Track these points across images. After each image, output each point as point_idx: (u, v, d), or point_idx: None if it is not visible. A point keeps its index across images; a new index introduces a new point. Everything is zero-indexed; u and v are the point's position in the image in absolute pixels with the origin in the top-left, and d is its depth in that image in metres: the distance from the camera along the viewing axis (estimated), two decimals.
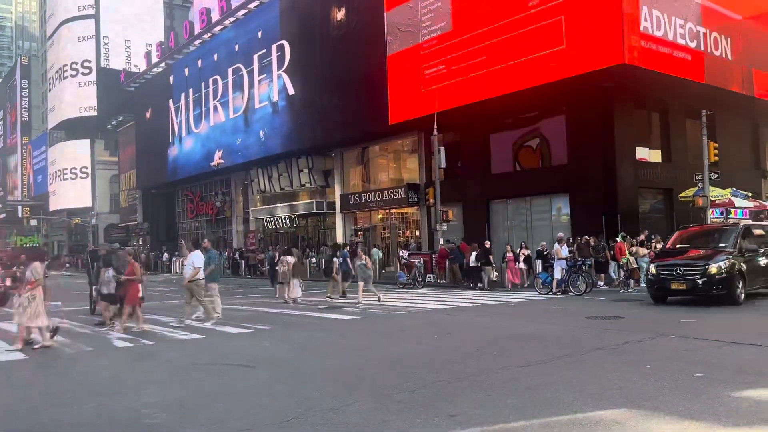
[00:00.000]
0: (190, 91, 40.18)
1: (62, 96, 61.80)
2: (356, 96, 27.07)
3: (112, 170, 57.01)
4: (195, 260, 12.91)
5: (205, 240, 16.60)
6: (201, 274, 12.80)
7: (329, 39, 28.39)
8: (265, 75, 32.97)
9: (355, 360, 8.39)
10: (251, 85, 34.03)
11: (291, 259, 16.96)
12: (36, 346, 10.03)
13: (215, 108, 37.41)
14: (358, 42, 26.69)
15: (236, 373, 7.93)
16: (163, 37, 52.98)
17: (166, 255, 41.08)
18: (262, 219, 37.41)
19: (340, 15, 27.93)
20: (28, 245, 58.57)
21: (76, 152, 60.38)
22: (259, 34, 33.50)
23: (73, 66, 59.88)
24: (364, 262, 16.54)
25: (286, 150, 32.19)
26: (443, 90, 22.50)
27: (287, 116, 31.76)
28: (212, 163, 37.44)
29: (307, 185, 32.84)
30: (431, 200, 22.79)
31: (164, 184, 45.48)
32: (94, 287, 15.92)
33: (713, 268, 12.73)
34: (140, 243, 48.10)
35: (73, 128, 61.72)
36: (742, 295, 12.97)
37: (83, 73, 59.58)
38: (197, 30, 39.85)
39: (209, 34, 39.05)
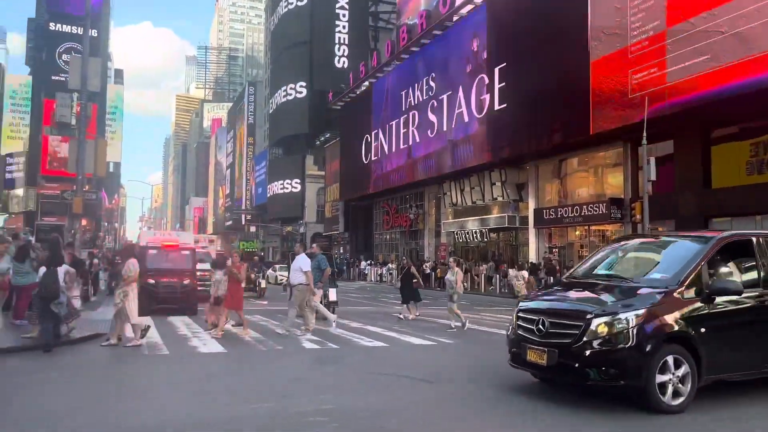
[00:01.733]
0: (390, 106, 41.76)
1: (279, 116, 68.42)
2: (554, 106, 25.72)
3: (319, 183, 61.52)
4: (302, 265, 12.62)
5: (314, 245, 16.66)
6: (303, 279, 12.44)
7: (530, 49, 27.42)
8: (462, 88, 32.97)
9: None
10: (450, 100, 34.26)
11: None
12: (128, 344, 10.30)
13: (413, 122, 38.36)
14: (559, 49, 25.35)
15: (415, 387, 7.57)
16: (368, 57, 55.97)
17: (363, 263, 43.22)
18: (453, 232, 37.36)
19: (541, 24, 26.85)
20: (248, 250, 65.55)
21: (290, 167, 66.32)
22: (459, 48, 33.65)
23: (290, 88, 65.88)
24: (452, 277, 13.99)
25: (480, 162, 31.74)
26: (654, 95, 20.30)
27: (483, 128, 31.33)
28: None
29: (500, 199, 32.02)
30: (638, 216, 20.59)
31: (363, 197, 47.80)
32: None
33: (599, 327, 6.16)
34: (341, 251, 51.14)
35: (287, 145, 68.06)
36: (682, 397, 6.15)
37: (298, 94, 65.18)
38: (398, 48, 41.33)
39: (408, 53, 40.24)
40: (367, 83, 47.32)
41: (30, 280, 10.96)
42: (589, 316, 6.27)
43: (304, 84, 64.78)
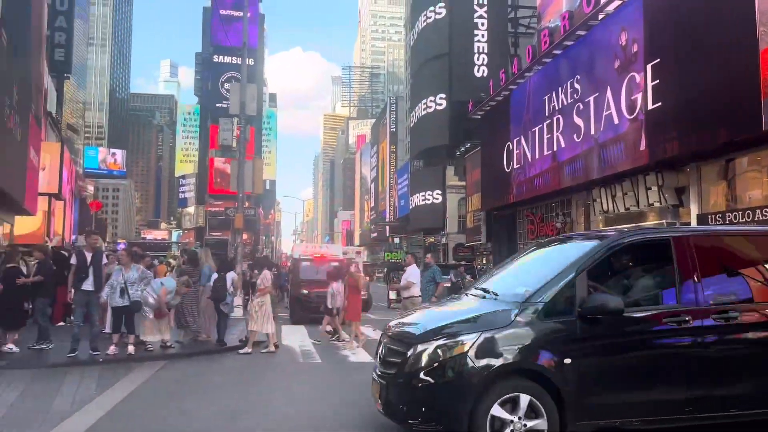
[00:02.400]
0: (532, 112, 40.67)
1: (420, 129, 69.49)
2: (718, 101, 23.43)
3: (460, 193, 61.40)
4: (411, 275, 12.49)
5: (428, 255, 16.23)
6: (416, 291, 12.25)
7: (688, 41, 25.34)
8: (610, 88, 31.25)
9: None
10: (597, 102, 32.63)
11: None
12: (263, 350, 10.81)
13: (558, 126, 37.02)
14: (722, 39, 23.10)
15: None
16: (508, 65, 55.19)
17: None
18: None
19: (701, 12, 24.71)
20: (393, 260, 67.04)
21: (431, 178, 66.99)
22: (606, 45, 31.94)
23: (430, 101, 66.76)
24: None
25: (633, 166, 29.75)
26: None
27: (635, 129, 29.39)
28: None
29: (656, 204, 29.67)
30: None
31: (506, 206, 46.90)
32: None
33: (423, 354, 4.85)
34: (483, 262, 50.52)
35: (428, 157, 68.88)
36: None
37: (438, 106, 65.91)
38: (540, 52, 40.21)
39: (551, 57, 38.98)
40: (506, 91, 46.54)
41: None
42: (413, 341, 4.96)
43: (443, 96, 65.25)
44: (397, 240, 79.12)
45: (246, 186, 18.05)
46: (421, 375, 4.79)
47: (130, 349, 10.03)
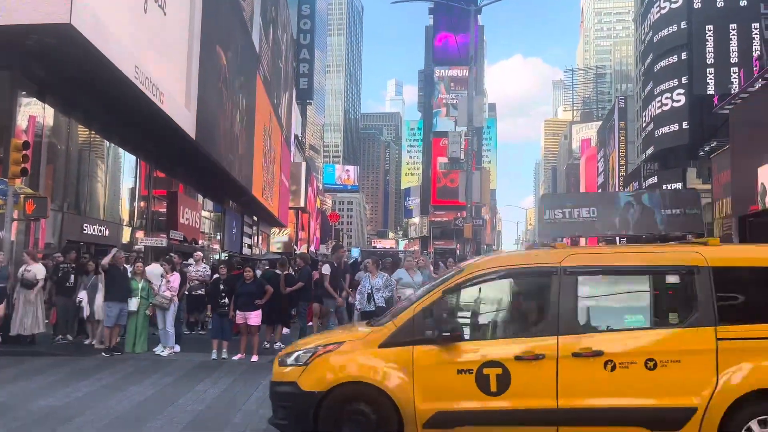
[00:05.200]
0: None
1: (654, 128, 63.99)
2: None
3: (705, 198, 54.96)
4: None
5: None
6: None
7: None
8: None
9: None
10: None
11: None
12: None
13: None
14: None
15: None
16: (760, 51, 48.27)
17: None
18: None
19: None
20: None
21: (668, 182, 61.17)
22: None
23: (666, 97, 61.26)
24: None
25: None
26: None
27: None
28: None
29: None
30: None
31: (764, 211, 40.76)
32: None
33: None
34: None
35: (664, 159, 62.93)
36: None
37: (675, 101, 60.15)
38: None
39: None
40: (764, 80, 40.57)
41: None
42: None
43: (681, 91, 59.44)
44: None
45: (474, 196, 18.36)
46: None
47: None
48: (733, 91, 47.79)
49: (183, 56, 16.96)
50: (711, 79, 58.14)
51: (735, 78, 52.97)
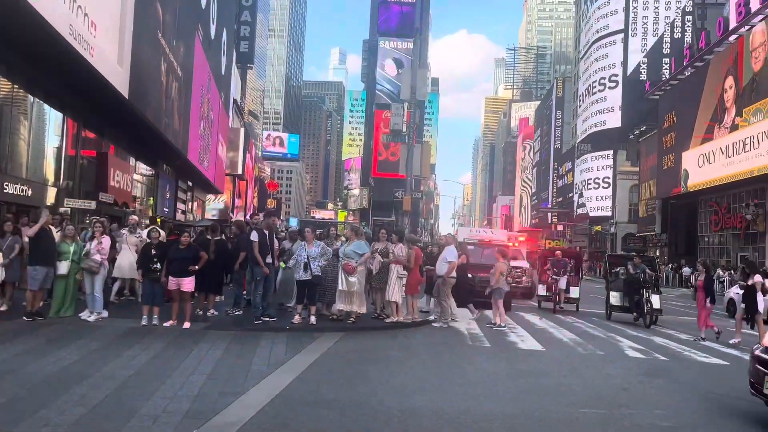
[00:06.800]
0: (728, 89, 36.78)
1: (589, 111, 65.97)
2: None
3: (632, 180, 57.49)
4: (448, 254, 12.24)
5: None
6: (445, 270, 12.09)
7: None
8: None
9: None
10: None
11: None
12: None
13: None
14: None
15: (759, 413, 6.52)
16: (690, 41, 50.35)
17: (686, 269, 39.04)
18: None
19: None
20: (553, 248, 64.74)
21: (600, 163, 63.45)
22: None
23: (601, 81, 63.15)
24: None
25: None
26: None
27: None
28: None
29: None
30: None
31: (685, 194, 43.03)
32: (610, 292, 16.27)
33: None
34: (657, 254, 46.91)
35: (597, 141, 65.11)
36: None
37: (609, 87, 62.18)
38: (732, 25, 36.08)
39: (747, 27, 34.81)
40: (691, 68, 42.44)
41: None
42: None
43: (616, 75, 61.44)
44: (560, 227, 76.14)
45: (414, 170, 18.48)
46: None
47: (312, 320, 10.82)
48: (663, 79, 49.85)
49: (117, 10, 16.11)
50: (644, 66, 60.41)
51: (666, 66, 55.28)
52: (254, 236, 10.99)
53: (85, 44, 13.34)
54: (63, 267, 10.30)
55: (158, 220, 19.52)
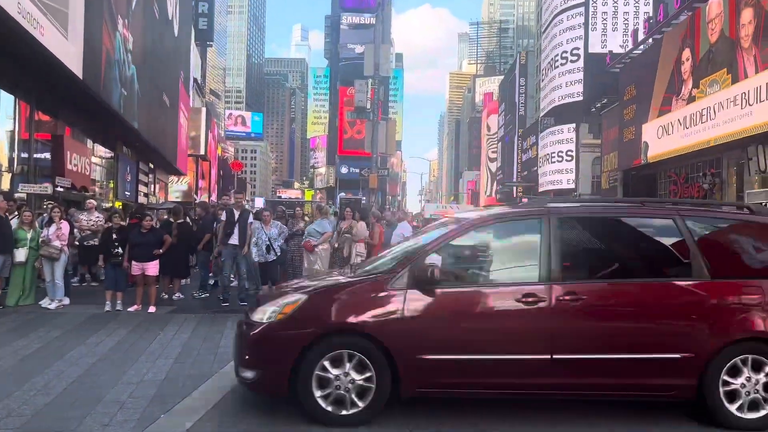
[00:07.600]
0: (685, 61, 37.44)
1: (552, 85, 66.59)
2: None
3: (595, 153, 58.44)
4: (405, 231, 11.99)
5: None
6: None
7: None
8: None
9: None
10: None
11: None
12: None
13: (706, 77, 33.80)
14: None
15: None
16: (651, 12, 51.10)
17: None
18: (761, 204, 32.15)
19: None
20: None
21: (563, 137, 64.33)
22: None
23: (563, 55, 63.67)
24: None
25: None
26: None
27: None
28: None
29: None
30: None
31: (645, 165, 44.00)
32: None
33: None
34: None
35: (560, 114, 65.92)
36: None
37: (571, 61, 62.79)
38: None
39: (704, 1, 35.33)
40: (651, 40, 43.04)
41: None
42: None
43: (578, 48, 61.98)
44: (525, 201, 77.25)
45: (379, 147, 18.44)
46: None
47: None
48: (623, 52, 50.45)
49: None
50: (605, 39, 61.11)
51: (627, 39, 56.02)
52: (222, 216, 10.90)
53: (34, 23, 12.83)
54: (21, 254, 10.04)
55: (118, 204, 19.12)
